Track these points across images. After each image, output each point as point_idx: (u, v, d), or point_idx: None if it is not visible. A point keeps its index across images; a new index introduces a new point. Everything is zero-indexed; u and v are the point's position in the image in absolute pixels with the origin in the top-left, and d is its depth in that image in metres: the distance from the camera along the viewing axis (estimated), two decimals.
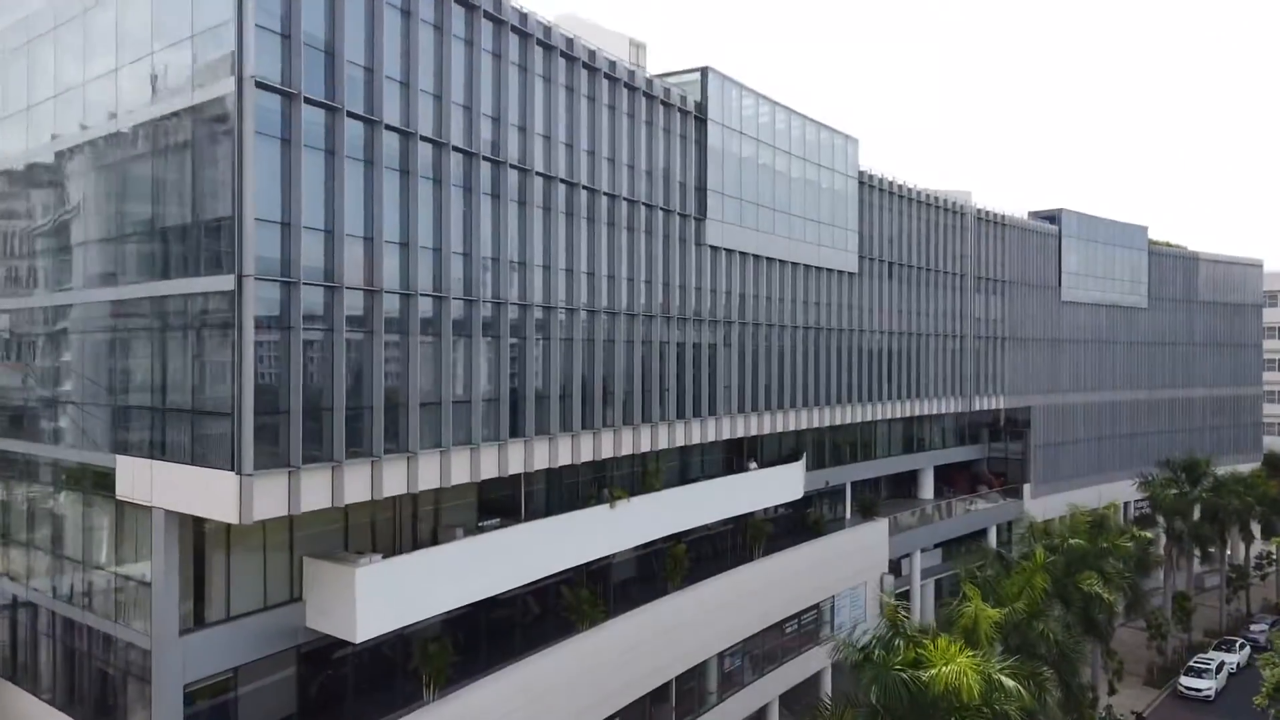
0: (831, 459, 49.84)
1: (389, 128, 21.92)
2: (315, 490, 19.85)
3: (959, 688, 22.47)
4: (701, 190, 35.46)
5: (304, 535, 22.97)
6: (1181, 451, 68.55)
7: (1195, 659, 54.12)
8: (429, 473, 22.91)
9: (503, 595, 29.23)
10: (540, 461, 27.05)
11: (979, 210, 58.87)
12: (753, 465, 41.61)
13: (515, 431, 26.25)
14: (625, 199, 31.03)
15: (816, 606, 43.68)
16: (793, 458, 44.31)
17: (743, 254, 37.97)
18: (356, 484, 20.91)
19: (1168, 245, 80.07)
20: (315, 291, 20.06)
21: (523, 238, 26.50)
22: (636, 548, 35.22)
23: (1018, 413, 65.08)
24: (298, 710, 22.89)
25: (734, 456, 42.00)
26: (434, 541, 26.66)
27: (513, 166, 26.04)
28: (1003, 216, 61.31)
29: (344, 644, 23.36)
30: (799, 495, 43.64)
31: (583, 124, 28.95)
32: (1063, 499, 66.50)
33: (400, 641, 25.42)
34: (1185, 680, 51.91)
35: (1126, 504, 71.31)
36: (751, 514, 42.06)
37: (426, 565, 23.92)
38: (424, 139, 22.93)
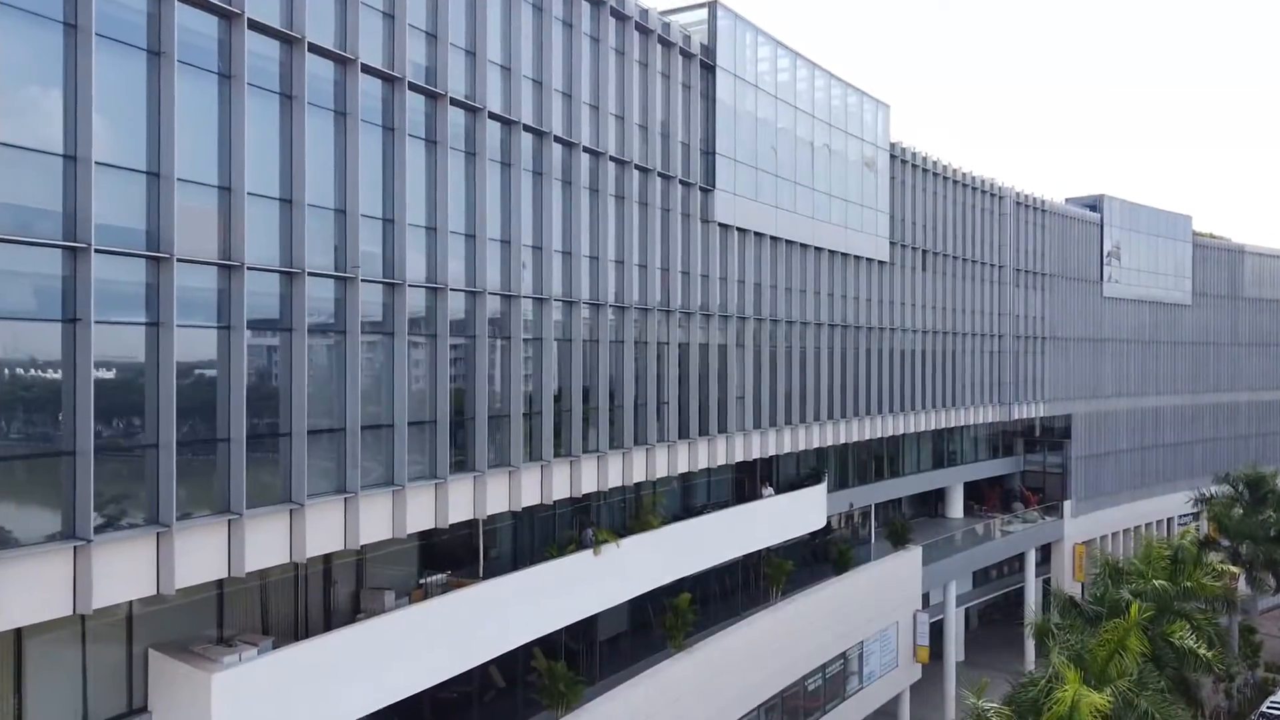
0: (856, 477, 43.09)
1: (256, 27, 14.96)
2: (126, 572, 12.91)
3: None
4: (709, 155, 28.59)
5: (154, 613, 16.03)
6: (1227, 462, 62.02)
7: (1268, 704, 47.26)
8: (324, 530, 15.98)
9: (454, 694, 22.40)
10: (497, 503, 20.15)
11: (1018, 194, 52.10)
12: (768, 491, 34.70)
13: (461, 465, 19.33)
14: (613, 158, 24.14)
15: (843, 654, 36.81)
16: (812, 478, 37.42)
17: (758, 234, 31.09)
18: (200, 556, 13.99)
19: (1211, 237, 73.46)
20: (126, 266, 13.10)
21: (471, 202, 19.59)
22: (627, 623, 28.40)
23: (1056, 421, 58.42)
24: None
25: (746, 479, 35.15)
26: (355, 608, 19.82)
27: (455, 103, 19.10)
28: (1043, 201, 54.57)
29: None
30: (822, 524, 36.79)
31: (555, 56, 22.02)
32: (1106, 517, 60.10)
33: None
34: None
35: (1169, 520, 65.06)
36: (766, 557, 35.23)
37: (328, 656, 16.95)
38: (316, 50, 15.98)
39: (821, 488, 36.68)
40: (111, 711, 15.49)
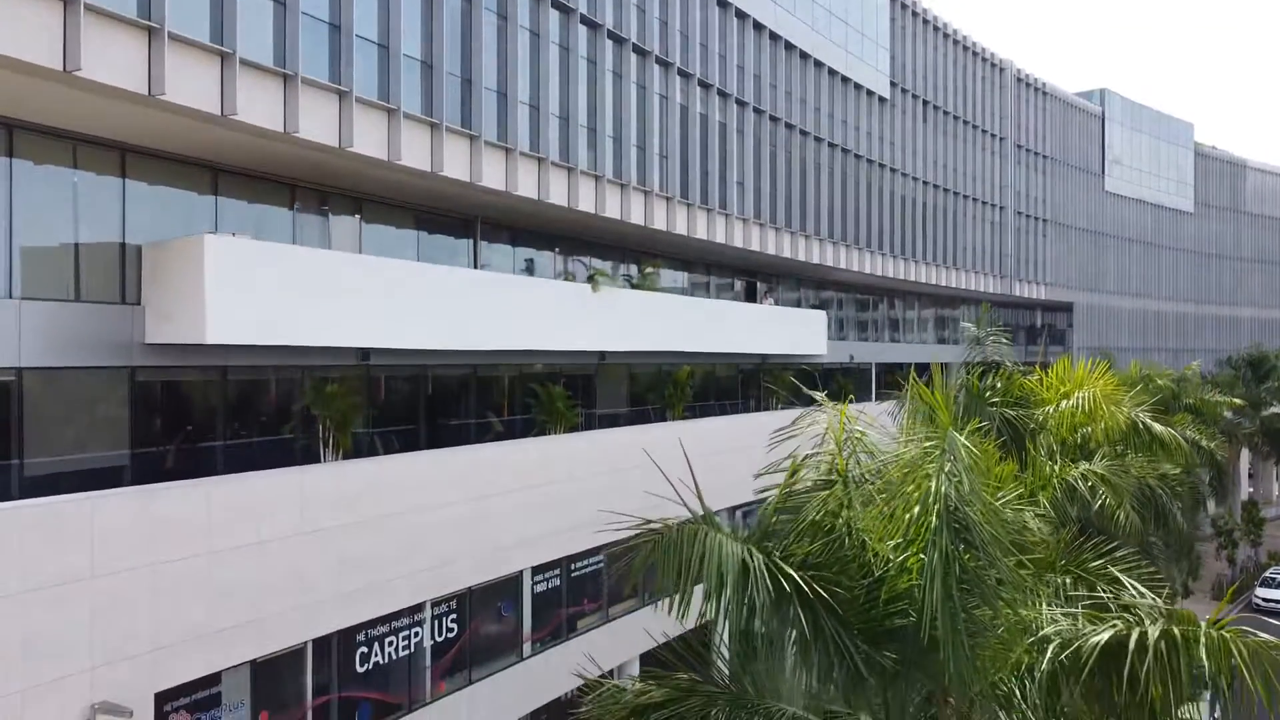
0: (858, 335, 43.05)
1: None
2: (116, 55, 12.64)
3: (1091, 425, 15.45)
4: None
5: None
6: None
7: (1271, 570, 47.36)
8: (318, 116, 15.70)
9: (451, 420, 22.02)
10: (493, 176, 19.88)
11: (1019, 71, 51.96)
12: (769, 301, 34.57)
13: (465, 121, 19.20)
14: None
15: None
16: None
17: (758, 25, 30.91)
18: (193, 77, 13.76)
19: (1214, 148, 73.30)
20: None
21: None
22: (625, 398, 27.89)
23: (1058, 316, 58.35)
24: (130, 464, 15.64)
25: (747, 297, 35.01)
26: None
27: None
28: (1044, 84, 54.45)
29: (201, 373, 16.36)
30: (823, 350, 36.46)
31: None
32: None
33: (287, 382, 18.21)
34: (1261, 591, 44.98)
35: None
36: (767, 370, 35.01)
37: (331, 272, 16.76)
38: None
39: (823, 314, 36.51)
40: (103, 296, 15.26)
